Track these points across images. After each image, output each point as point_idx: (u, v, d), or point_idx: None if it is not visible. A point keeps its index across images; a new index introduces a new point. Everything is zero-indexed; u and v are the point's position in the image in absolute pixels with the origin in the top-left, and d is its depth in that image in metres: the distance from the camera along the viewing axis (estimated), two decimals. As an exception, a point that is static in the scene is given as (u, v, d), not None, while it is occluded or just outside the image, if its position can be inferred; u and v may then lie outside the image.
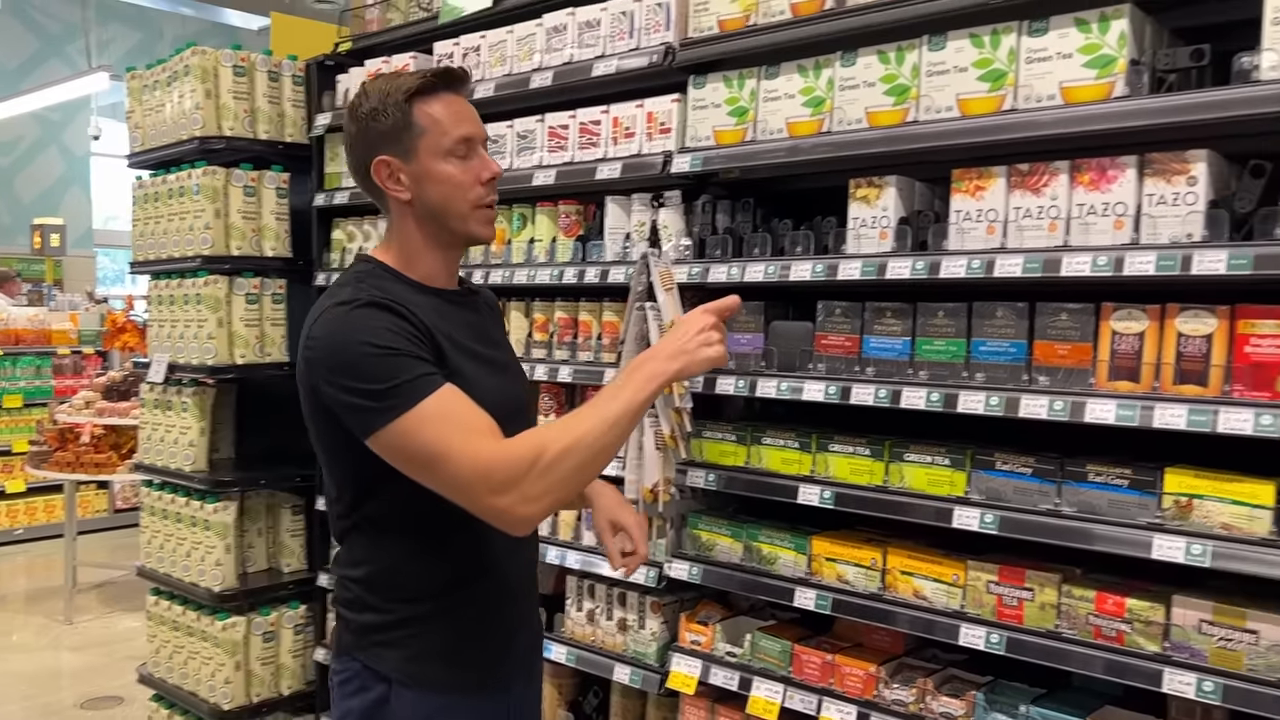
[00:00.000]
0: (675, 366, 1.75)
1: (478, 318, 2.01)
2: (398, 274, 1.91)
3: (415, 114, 1.85)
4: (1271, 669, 1.99)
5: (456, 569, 1.89)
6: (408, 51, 3.85)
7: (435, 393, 1.68)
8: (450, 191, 1.88)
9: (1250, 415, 1.97)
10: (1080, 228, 2.22)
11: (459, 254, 2.00)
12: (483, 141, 1.93)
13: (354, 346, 1.70)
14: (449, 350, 1.81)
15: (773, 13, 2.72)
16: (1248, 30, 2.03)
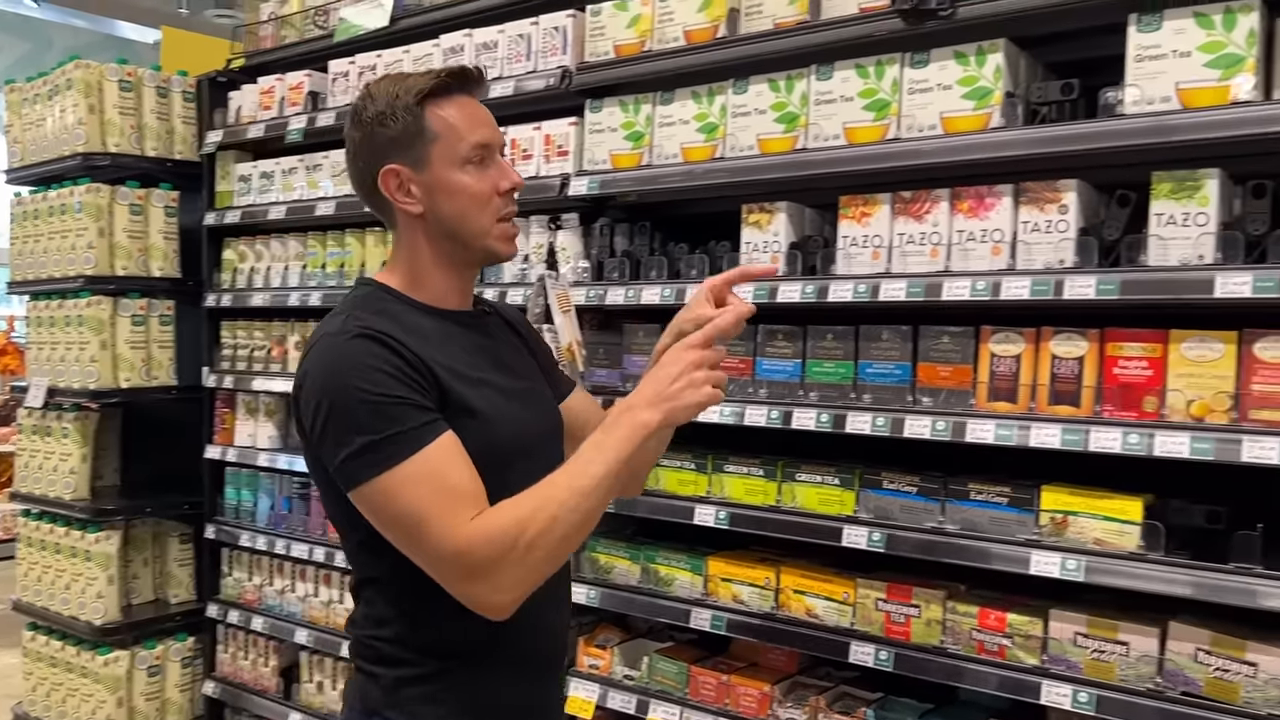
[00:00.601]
0: (657, 417, 1.53)
1: (490, 341, 1.78)
2: (401, 296, 1.70)
3: (428, 118, 1.65)
4: (1141, 679, 2.07)
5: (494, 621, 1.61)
6: (302, 69, 3.79)
7: (424, 449, 1.50)
8: (467, 204, 1.68)
9: (1119, 434, 2.06)
10: (960, 253, 2.29)
11: (474, 273, 1.81)
12: (500, 148, 1.73)
13: (344, 390, 1.52)
14: (453, 384, 1.60)
15: (667, 39, 2.75)
16: (1114, 65, 2.13)
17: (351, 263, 3.62)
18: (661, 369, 1.56)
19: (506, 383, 1.72)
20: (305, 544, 3.69)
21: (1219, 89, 1.98)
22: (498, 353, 1.77)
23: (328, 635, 3.63)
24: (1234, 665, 1.97)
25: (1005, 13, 2.21)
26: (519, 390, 1.75)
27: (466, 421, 1.58)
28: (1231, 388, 1.98)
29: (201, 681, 4.14)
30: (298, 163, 3.78)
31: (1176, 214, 2.03)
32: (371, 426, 1.49)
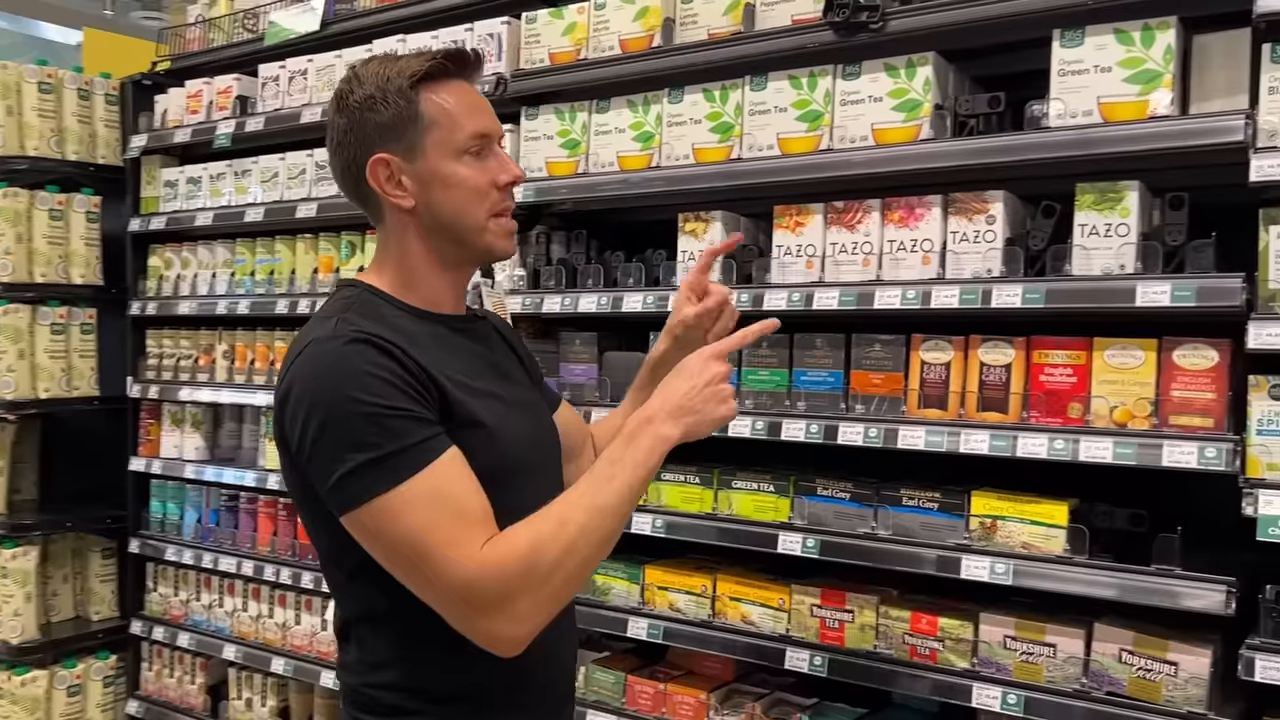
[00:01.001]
0: (679, 431, 1.44)
1: (486, 348, 1.65)
2: (391, 299, 1.55)
3: (422, 103, 1.51)
4: (1068, 680, 2.11)
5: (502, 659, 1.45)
6: (231, 73, 3.72)
7: (428, 467, 1.35)
8: (464, 198, 1.53)
9: (1045, 440, 2.10)
10: (891, 263, 2.32)
11: (469, 274, 1.67)
12: (499, 139, 1.60)
13: (338, 402, 1.36)
14: (456, 394, 1.45)
15: (603, 48, 2.75)
16: (1039, 79, 2.18)
17: (282, 270, 3.56)
18: (684, 380, 1.46)
19: (507, 392, 1.59)
20: (234, 557, 3.60)
21: (1139, 103, 2.03)
22: (495, 361, 1.65)
23: (257, 650, 3.55)
24: (1156, 665, 2.02)
25: (933, 27, 2.25)
26: (519, 400, 1.62)
27: (472, 434, 1.45)
28: (1152, 394, 2.03)
29: (124, 701, 4.02)
30: (226, 168, 3.70)
31: (1099, 225, 2.08)
32: (370, 443, 1.34)
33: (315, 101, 3.40)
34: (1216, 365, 1.98)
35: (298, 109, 3.42)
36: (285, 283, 3.53)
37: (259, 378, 3.59)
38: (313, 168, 3.43)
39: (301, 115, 3.38)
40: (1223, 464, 1.91)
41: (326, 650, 3.37)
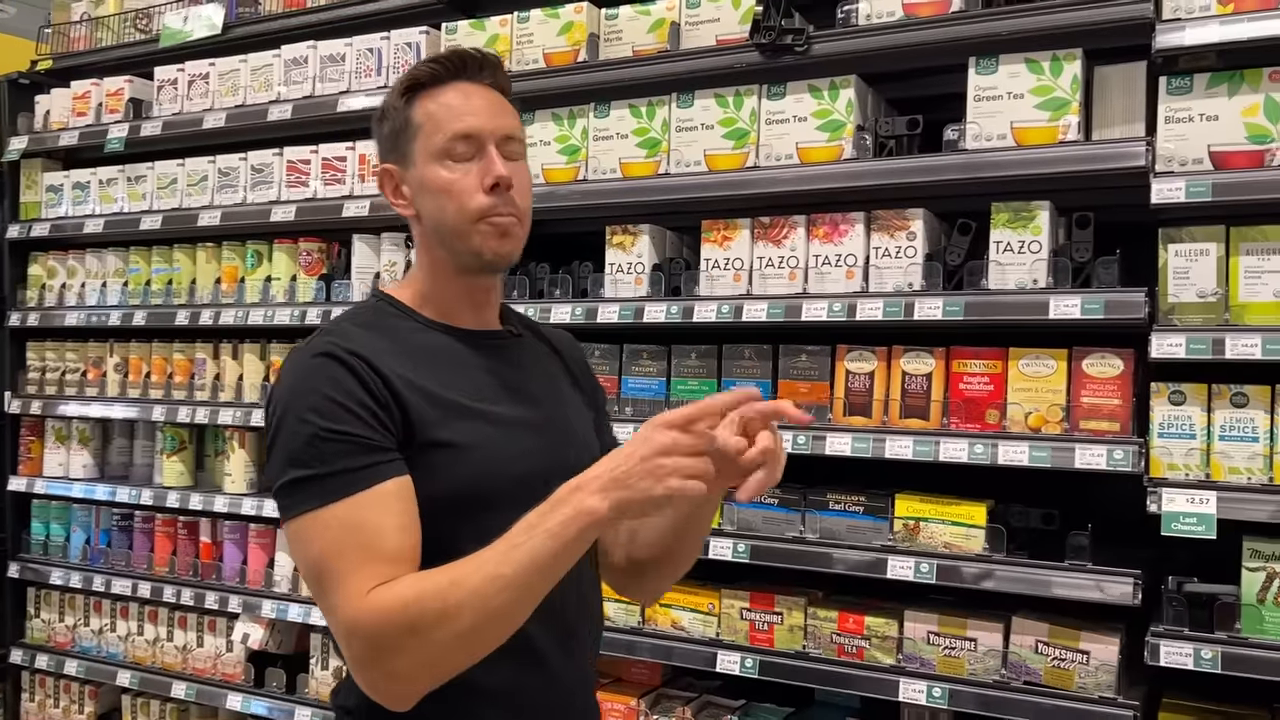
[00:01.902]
0: (607, 505, 1.24)
1: (506, 366, 1.55)
2: (405, 309, 1.52)
3: (414, 111, 1.49)
4: (988, 672, 2.23)
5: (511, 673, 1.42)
6: (123, 74, 3.58)
7: (353, 496, 1.31)
8: (445, 203, 1.48)
9: (965, 445, 2.22)
10: (817, 277, 2.41)
11: (484, 284, 1.55)
12: (499, 139, 1.49)
13: (290, 416, 1.35)
14: (425, 413, 1.39)
15: (526, 61, 2.77)
16: (954, 102, 2.31)
17: (181, 280, 3.43)
18: (624, 449, 1.27)
19: (514, 413, 1.50)
20: (128, 579, 3.45)
21: (1049, 129, 2.18)
22: (513, 379, 1.55)
23: (155, 675, 3.41)
24: (1069, 654, 2.16)
25: (856, 52, 2.36)
26: (531, 422, 1.52)
27: (437, 455, 1.39)
28: (1064, 400, 2.17)
29: (3, 735, 3.80)
30: (118, 173, 3.55)
31: (1013, 242, 2.21)
32: (304, 460, 1.33)
33: (218, 106, 3.30)
34: (1122, 373, 2.13)
35: (199, 114, 3.31)
36: (185, 293, 3.40)
37: (156, 391, 3.45)
38: (215, 174, 3.32)
39: (204, 120, 3.28)
40: (1129, 465, 2.06)
41: (232, 672, 3.27)
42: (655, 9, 2.63)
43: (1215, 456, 2.03)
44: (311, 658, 3.13)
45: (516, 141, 1.52)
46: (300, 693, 3.11)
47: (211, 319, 3.26)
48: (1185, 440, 2.05)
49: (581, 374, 1.70)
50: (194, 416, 3.29)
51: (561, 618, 1.47)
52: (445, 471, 1.39)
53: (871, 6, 2.35)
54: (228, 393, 3.30)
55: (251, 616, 3.21)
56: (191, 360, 3.41)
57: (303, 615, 3.09)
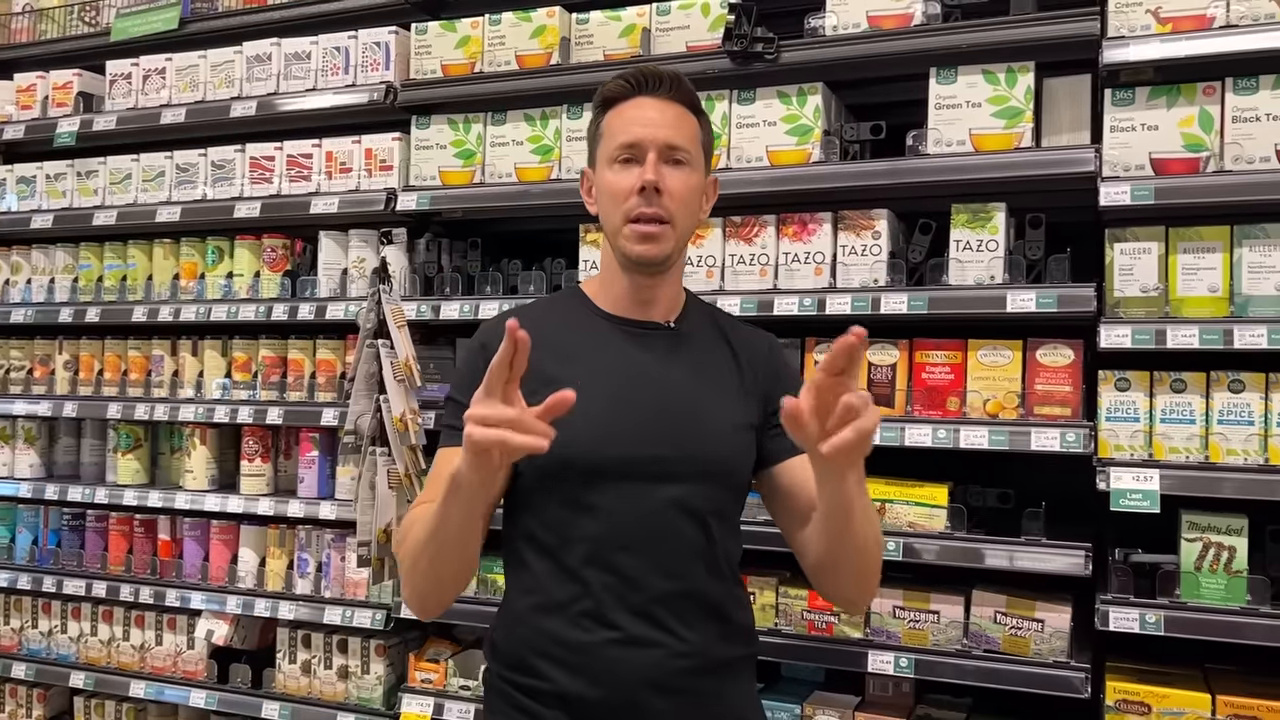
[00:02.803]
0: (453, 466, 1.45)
1: (652, 356, 1.70)
2: (583, 297, 1.79)
3: (602, 122, 1.73)
4: (950, 642, 2.39)
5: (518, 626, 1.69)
6: (71, 67, 3.53)
7: (450, 448, 1.64)
8: (606, 202, 1.70)
9: (929, 430, 2.37)
10: (787, 273, 2.54)
11: (646, 281, 1.71)
12: (660, 147, 1.65)
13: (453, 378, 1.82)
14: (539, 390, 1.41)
15: (499, 62, 2.84)
16: (913, 107, 2.46)
17: (136, 276, 3.40)
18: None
19: (638, 398, 1.65)
20: (81, 579, 3.41)
21: (1005, 135, 2.34)
22: (651, 367, 1.69)
23: (111, 675, 3.37)
24: (1026, 623, 2.33)
25: (823, 61, 2.50)
26: (654, 408, 1.65)
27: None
28: (1019, 388, 2.34)
29: (-56, 742, 3.70)
30: (67, 168, 3.50)
31: (972, 240, 2.38)
32: (447, 410, 1.75)
33: (176, 101, 3.29)
34: (1073, 362, 2.31)
35: (156, 109, 3.29)
36: (140, 288, 3.37)
37: (109, 389, 3.42)
38: (173, 170, 3.31)
39: (162, 115, 3.26)
40: (1080, 447, 2.24)
41: (193, 669, 3.26)
42: (626, 15, 2.73)
43: (1157, 438, 2.22)
44: (278, 652, 3.14)
45: (682, 151, 1.68)
46: (267, 688, 3.12)
47: (171, 315, 3.25)
48: (1130, 423, 2.24)
49: (761, 378, 1.78)
50: (152, 414, 3.27)
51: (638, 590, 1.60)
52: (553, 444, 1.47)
53: (838, 18, 2.49)
54: (188, 389, 3.29)
55: (215, 613, 3.20)
56: (148, 357, 3.38)
57: (269, 610, 3.10)
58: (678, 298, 1.80)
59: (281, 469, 3.26)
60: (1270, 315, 2.15)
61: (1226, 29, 2.17)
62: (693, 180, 1.69)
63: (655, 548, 1.59)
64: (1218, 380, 2.20)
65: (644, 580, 1.58)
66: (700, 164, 1.73)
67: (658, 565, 1.59)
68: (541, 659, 1.64)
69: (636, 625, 1.60)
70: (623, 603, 1.59)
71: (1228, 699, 2.16)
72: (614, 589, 1.58)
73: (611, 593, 1.58)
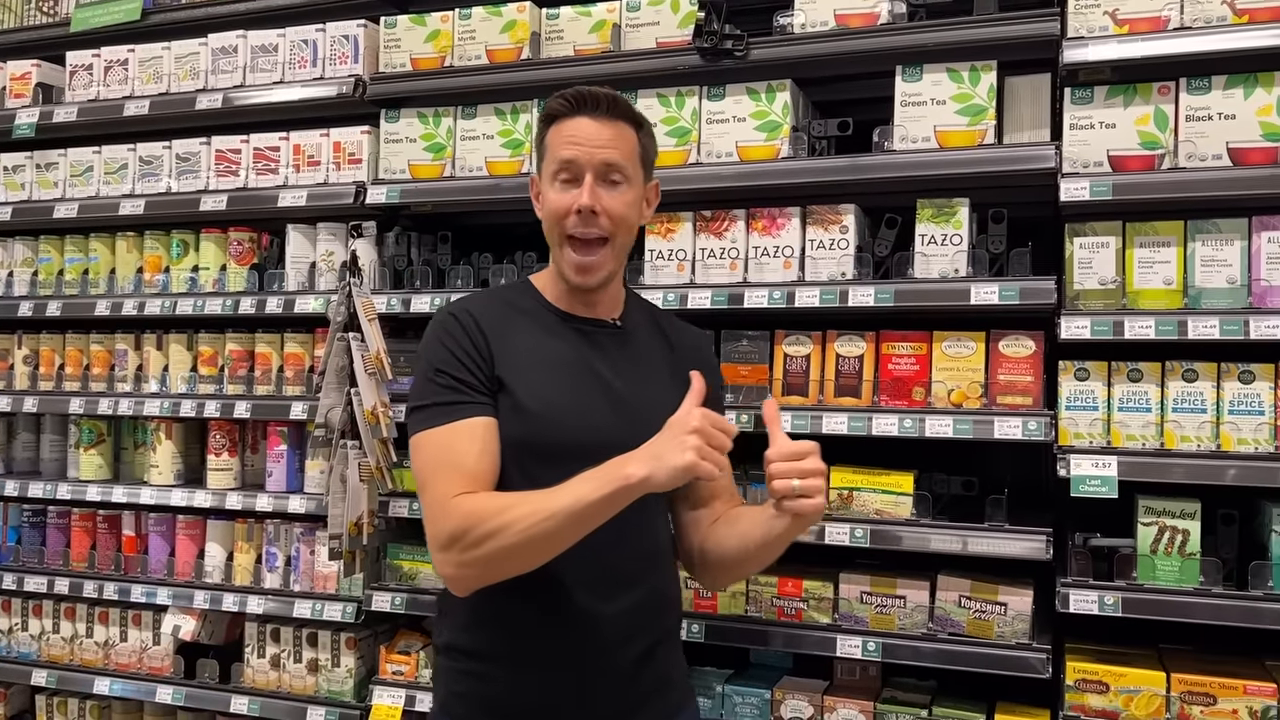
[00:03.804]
0: (641, 471, 1.58)
1: (598, 351, 1.87)
2: (534, 291, 1.93)
3: (547, 136, 1.87)
4: (917, 626, 2.45)
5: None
6: (29, 57, 3.48)
7: (449, 424, 1.73)
8: (547, 218, 1.86)
9: (895, 420, 2.43)
10: (756, 266, 2.59)
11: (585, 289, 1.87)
12: (598, 168, 1.80)
13: (421, 357, 1.83)
14: (509, 373, 1.78)
15: (468, 56, 2.85)
16: (878, 105, 2.52)
17: (98, 270, 3.36)
18: (664, 429, 1.63)
19: (588, 388, 1.82)
20: (43, 576, 3.37)
21: (968, 133, 2.41)
22: (598, 362, 1.86)
23: (73, 673, 3.34)
24: (989, 607, 2.39)
25: (791, 58, 2.54)
26: (606, 399, 1.82)
27: (511, 410, 1.77)
28: (982, 378, 2.41)
29: (-101, 744, 3.63)
30: (25, 160, 3.45)
31: (937, 235, 2.44)
32: (421, 393, 1.79)
33: (139, 93, 3.26)
34: (1034, 353, 2.38)
35: (119, 100, 3.26)
36: (103, 282, 3.34)
37: (71, 384, 3.38)
38: (136, 162, 3.27)
39: (125, 107, 3.23)
40: (1041, 435, 2.31)
41: (158, 665, 3.23)
42: (596, 10, 2.75)
43: (1115, 426, 2.30)
44: (246, 646, 3.13)
45: (618, 170, 1.82)
46: (235, 682, 3.11)
47: (135, 309, 3.22)
48: (1089, 412, 2.31)
49: (687, 368, 1.84)
50: (116, 408, 3.24)
51: (600, 570, 1.77)
52: (515, 424, 1.76)
53: (806, 16, 2.54)
54: (152, 384, 3.26)
55: (182, 608, 3.18)
56: (111, 351, 3.35)
57: (237, 605, 3.09)
58: (618, 295, 1.98)
59: (249, 463, 3.24)
60: (1222, 307, 2.23)
61: (1181, 31, 2.24)
62: (630, 197, 1.84)
63: (601, 526, 1.69)
64: (1172, 370, 2.28)
65: (588, 556, 1.72)
66: (639, 178, 1.88)
67: (601, 541, 1.70)
68: (488, 624, 1.81)
69: (580, 594, 1.77)
70: (569, 574, 1.75)
71: (1182, 677, 2.24)
72: (562, 562, 1.71)
73: (559, 565, 1.71)
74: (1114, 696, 2.27)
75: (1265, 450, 2.21)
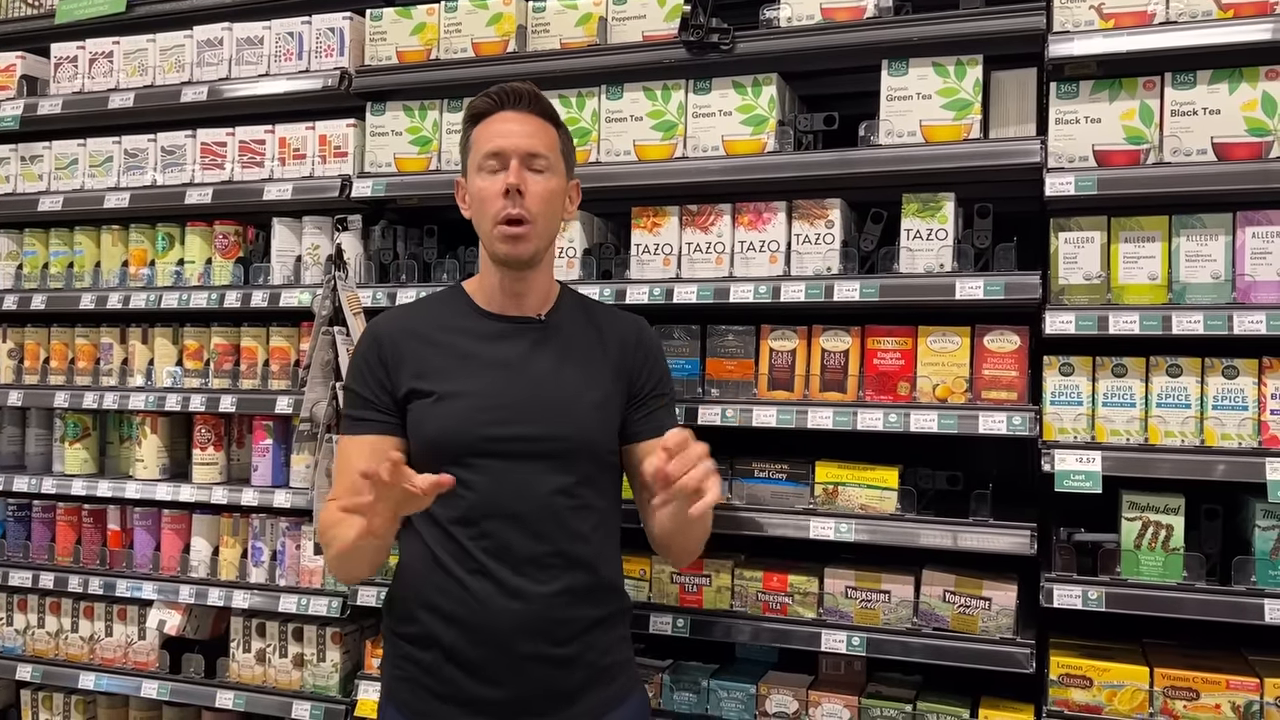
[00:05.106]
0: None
1: (519, 349, 1.95)
2: (462, 295, 2.02)
3: (471, 135, 1.96)
4: (901, 620, 2.45)
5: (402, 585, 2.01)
6: (13, 49, 3.46)
7: (350, 437, 1.96)
8: (477, 207, 1.93)
9: (880, 415, 2.43)
10: (742, 261, 2.58)
11: (512, 276, 1.96)
12: (522, 155, 1.89)
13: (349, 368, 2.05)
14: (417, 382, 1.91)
15: (455, 50, 2.84)
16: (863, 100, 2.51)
17: (83, 263, 3.35)
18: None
19: (506, 386, 1.91)
20: (28, 570, 3.36)
21: (954, 127, 2.40)
22: (516, 359, 1.94)
23: (58, 668, 3.32)
24: (973, 601, 2.39)
25: (778, 51, 2.53)
26: (519, 394, 1.91)
27: (424, 413, 1.90)
28: (967, 373, 2.41)
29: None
30: (10, 152, 3.43)
31: (922, 229, 2.43)
32: (345, 399, 2.03)
33: (124, 86, 3.24)
34: (1019, 348, 2.38)
35: (104, 93, 3.24)
36: (88, 276, 3.32)
37: (56, 377, 3.36)
38: (121, 155, 3.26)
39: (110, 100, 3.21)
40: (1026, 430, 2.30)
41: (144, 660, 3.23)
42: (583, 3, 2.74)
43: (1099, 421, 2.30)
44: (232, 641, 3.13)
45: (541, 158, 1.91)
46: (221, 677, 3.10)
47: (121, 302, 3.20)
48: (1074, 407, 2.31)
49: (627, 360, 2.01)
50: (101, 402, 3.22)
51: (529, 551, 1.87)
52: (429, 422, 1.89)
53: (793, 10, 2.53)
54: (138, 377, 3.25)
55: (168, 602, 3.18)
56: (96, 345, 3.33)
57: (223, 599, 3.08)
58: (549, 290, 2.04)
59: (235, 457, 3.23)
60: (1206, 302, 2.23)
61: (1166, 25, 2.24)
62: (553, 184, 1.93)
63: (523, 514, 1.86)
64: (1157, 365, 2.28)
65: (514, 543, 1.85)
66: (560, 170, 1.97)
67: (525, 529, 1.85)
68: (422, 609, 1.91)
69: (507, 578, 1.86)
70: (495, 560, 1.85)
71: (1165, 672, 2.24)
72: (489, 550, 1.85)
73: (486, 553, 1.85)
74: (1097, 691, 2.27)
75: (1249, 445, 2.21)
